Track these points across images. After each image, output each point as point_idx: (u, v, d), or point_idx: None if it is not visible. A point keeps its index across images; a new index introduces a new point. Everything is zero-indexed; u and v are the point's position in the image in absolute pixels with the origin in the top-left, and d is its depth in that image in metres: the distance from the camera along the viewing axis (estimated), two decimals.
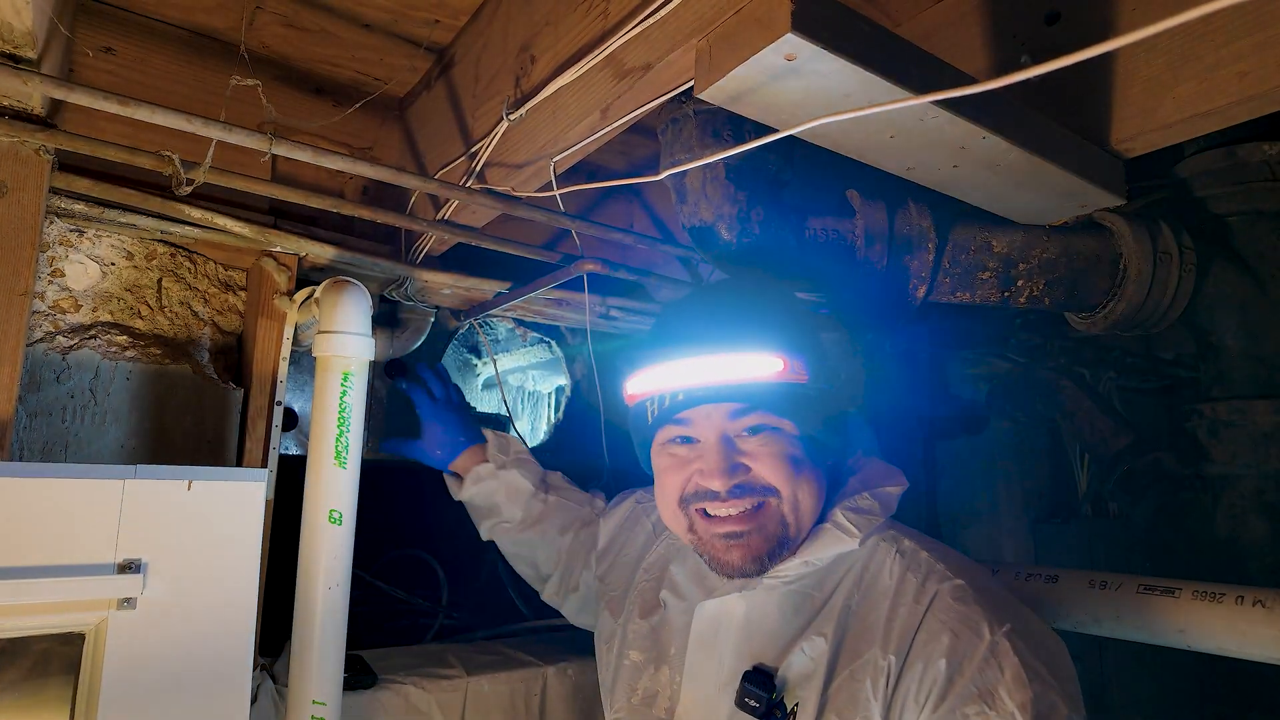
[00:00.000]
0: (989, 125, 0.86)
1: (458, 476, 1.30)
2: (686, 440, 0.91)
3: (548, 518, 1.26)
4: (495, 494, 1.26)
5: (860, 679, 0.80)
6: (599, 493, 1.34)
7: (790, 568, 0.89)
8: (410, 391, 1.34)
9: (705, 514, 0.89)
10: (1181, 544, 1.54)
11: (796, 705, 0.83)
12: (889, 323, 1.58)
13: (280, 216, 1.20)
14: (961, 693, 0.74)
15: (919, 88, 0.74)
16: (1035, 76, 0.57)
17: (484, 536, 1.30)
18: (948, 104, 0.80)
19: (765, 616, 0.90)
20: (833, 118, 0.73)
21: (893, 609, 0.83)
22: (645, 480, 1.25)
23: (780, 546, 0.88)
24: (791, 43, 0.68)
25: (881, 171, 0.99)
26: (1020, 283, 1.21)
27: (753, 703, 0.84)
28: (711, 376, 0.85)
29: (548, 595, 1.28)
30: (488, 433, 1.31)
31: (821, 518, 0.91)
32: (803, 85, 0.75)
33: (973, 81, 0.64)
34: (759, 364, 0.84)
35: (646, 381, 0.90)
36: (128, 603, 0.78)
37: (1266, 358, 1.42)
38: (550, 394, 2.15)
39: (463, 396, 1.35)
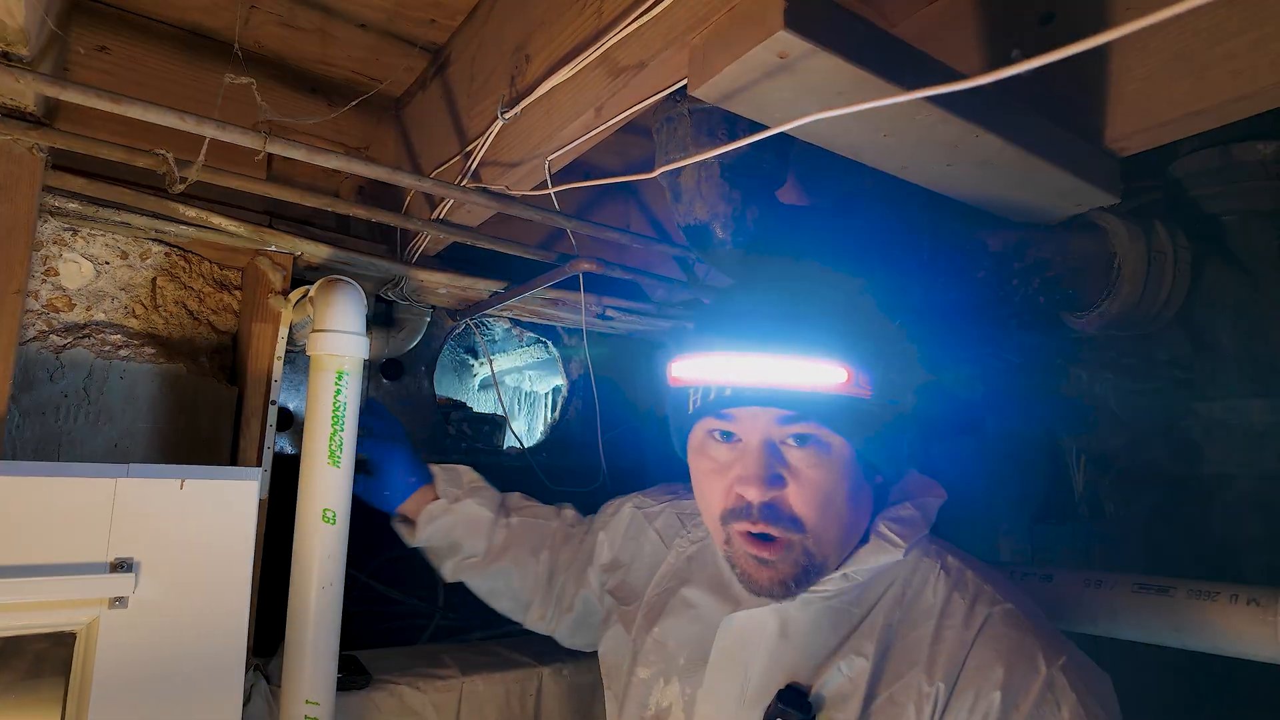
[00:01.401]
0: (981, 123, 0.86)
1: (408, 521, 1.21)
2: (727, 436, 0.85)
3: (515, 542, 1.21)
4: (453, 530, 1.19)
5: (902, 703, 0.77)
6: (565, 505, 1.29)
7: (830, 582, 0.85)
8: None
9: (745, 535, 0.84)
10: (1177, 544, 1.54)
11: None
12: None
13: (275, 216, 1.20)
14: None
15: (911, 84, 0.74)
16: (1026, 71, 0.57)
17: (449, 578, 1.22)
18: (940, 101, 0.80)
19: (800, 632, 0.86)
20: (825, 114, 0.73)
21: (938, 630, 0.80)
22: (641, 483, 1.24)
23: (806, 574, 0.84)
24: (784, 40, 0.68)
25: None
26: (1015, 282, 1.21)
27: None
28: (765, 378, 0.79)
29: (531, 622, 1.23)
30: (435, 468, 1.23)
31: (865, 538, 0.87)
32: (795, 83, 0.75)
33: (963, 77, 0.64)
34: (820, 372, 0.77)
35: (693, 369, 0.84)
36: (119, 602, 0.78)
37: (1261, 357, 1.42)
38: (547, 394, 2.15)
39: (404, 430, 1.26)
